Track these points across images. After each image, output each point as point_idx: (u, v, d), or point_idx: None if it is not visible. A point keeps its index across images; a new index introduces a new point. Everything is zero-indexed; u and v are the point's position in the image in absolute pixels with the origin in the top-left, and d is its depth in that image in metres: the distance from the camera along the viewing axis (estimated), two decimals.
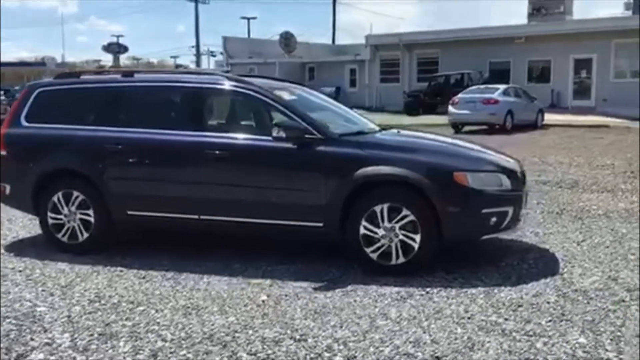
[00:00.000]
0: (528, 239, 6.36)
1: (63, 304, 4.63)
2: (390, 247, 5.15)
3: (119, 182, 5.84)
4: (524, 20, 33.49)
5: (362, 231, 5.20)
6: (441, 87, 29.45)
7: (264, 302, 4.63)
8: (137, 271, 5.40)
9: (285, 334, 4.01)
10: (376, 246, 5.18)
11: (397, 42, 33.92)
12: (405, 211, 5.09)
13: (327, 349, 3.79)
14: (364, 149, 5.35)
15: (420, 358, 3.65)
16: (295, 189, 5.41)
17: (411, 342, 3.87)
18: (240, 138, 5.68)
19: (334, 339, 3.93)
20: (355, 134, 5.85)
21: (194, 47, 57.35)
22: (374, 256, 5.20)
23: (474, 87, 23.88)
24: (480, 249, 5.89)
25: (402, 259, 5.15)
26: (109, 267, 5.51)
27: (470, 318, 4.24)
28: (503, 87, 22.12)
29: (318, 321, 4.22)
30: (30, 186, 6.04)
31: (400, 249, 5.14)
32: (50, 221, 6.03)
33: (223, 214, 5.58)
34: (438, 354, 3.69)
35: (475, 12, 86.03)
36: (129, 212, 5.84)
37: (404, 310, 4.41)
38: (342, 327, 4.11)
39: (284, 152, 5.39)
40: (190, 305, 4.58)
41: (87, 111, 6.17)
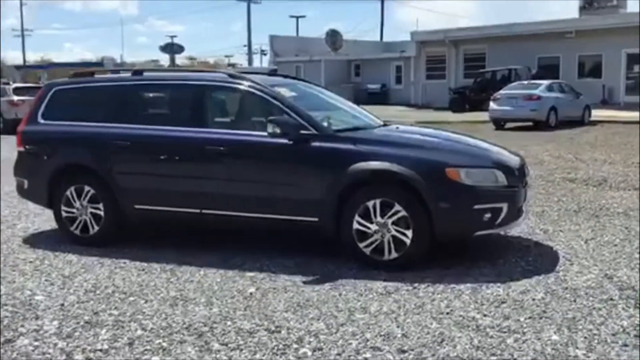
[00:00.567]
0: (535, 236, 6.26)
1: (60, 293, 4.83)
2: (382, 242, 5.17)
3: (127, 177, 6.04)
4: (575, 15, 32.65)
5: (356, 226, 5.23)
6: (487, 84, 28.88)
7: (251, 294, 4.72)
8: (139, 263, 5.56)
9: (261, 325, 4.09)
10: (369, 241, 5.21)
11: (443, 39, 33.57)
12: (397, 207, 5.10)
13: (297, 340, 3.85)
14: (357, 145, 5.38)
15: (385, 351, 3.68)
16: (291, 184, 5.50)
17: (382, 335, 3.89)
18: (239, 134, 5.79)
19: (307, 331, 3.98)
20: (352, 129, 5.88)
21: (246, 46, 58.11)
22: (367, 251, 5.24)
23: (516, 83, 23.37)
24: (481, 245, 5.84)
25: (394, 254, 5.16)
26: (113, 259, 5.70)
27: (449, 313, 4.23)
28: (547, 83, 21.54)
29: (298, 314, 4.29)
30: (46, 181, 6.31)
31: (392, 245, 5.16)
32: (64, 214, 6.28)
33: (221, 208, 5.70)
34: (405, 348, 3.71)
35: (525, 8, 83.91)
36: (137, 207, 6.03)
37: (385, 304, 4.43)
38: (318, 320, 4.16)
39: (279, 147, 5.47)
40: (180, 296, 4.71)
41: (98, 109, 6.39)
